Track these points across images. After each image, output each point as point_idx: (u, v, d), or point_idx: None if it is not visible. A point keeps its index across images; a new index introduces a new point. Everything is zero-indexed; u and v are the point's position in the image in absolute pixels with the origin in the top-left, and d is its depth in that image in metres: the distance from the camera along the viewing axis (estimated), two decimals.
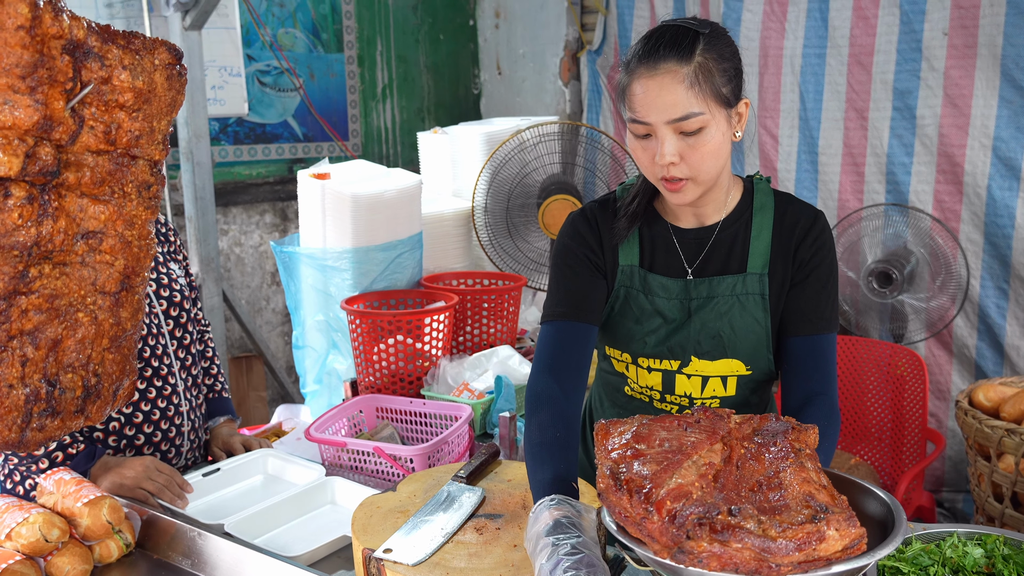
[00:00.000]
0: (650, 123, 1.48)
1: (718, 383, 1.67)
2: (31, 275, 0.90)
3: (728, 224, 1.65)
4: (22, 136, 0.85)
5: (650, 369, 1.69)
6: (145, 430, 2.11)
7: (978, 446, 2.78)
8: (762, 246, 1.62)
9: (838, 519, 1.03)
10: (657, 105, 1.46)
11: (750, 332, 1.62)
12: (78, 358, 0.97)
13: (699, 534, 1.05)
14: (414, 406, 2.40)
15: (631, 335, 1.68)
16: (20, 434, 0.92)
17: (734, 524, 1.03)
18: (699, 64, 1.46)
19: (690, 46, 1.46)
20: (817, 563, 1.02)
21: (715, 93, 1.47)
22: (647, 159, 1.53)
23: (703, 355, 1.64)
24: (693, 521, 1.05)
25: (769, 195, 1.66)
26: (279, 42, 4.69)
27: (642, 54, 1.49)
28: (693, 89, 1.45)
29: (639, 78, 1.48)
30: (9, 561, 1.57)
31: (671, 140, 1.48)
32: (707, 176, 1.52)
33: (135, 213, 0.98)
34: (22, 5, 0.80)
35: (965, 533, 1.52)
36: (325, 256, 2.90)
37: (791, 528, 1.02)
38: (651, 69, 1.46)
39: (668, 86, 1.45)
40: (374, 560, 1.42)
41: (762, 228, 1.63)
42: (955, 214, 3.76)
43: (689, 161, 1.49)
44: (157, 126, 0.96)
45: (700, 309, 1.63)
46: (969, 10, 3.59)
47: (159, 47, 0.97)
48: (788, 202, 1.66)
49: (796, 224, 1.63)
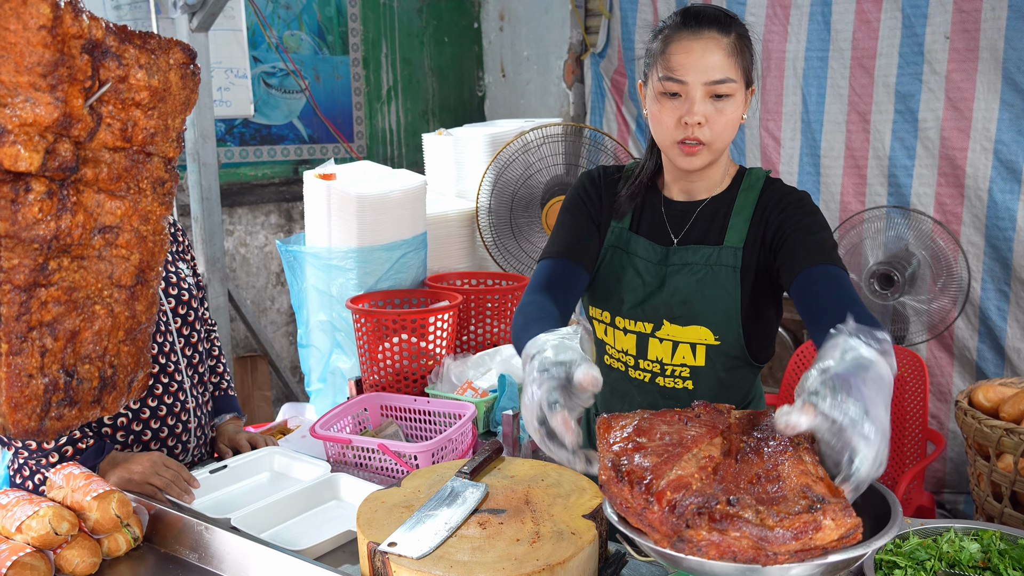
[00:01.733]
0: (687, 82, 1.58)
1: (687, 350, 1.72)
2: (50, 268, 0.93)
3: (714, 200, 1.74)
4: (42, 133, 0.88)
5: (626, 331, 1.77)
6: (152, 426, 2.13)
7: (977, 446, 2.80)
8: (741, 222, 1.70)
9: (834, 509, 1.05)
10: (699, 66, 1.57)
11: (719, 301, 1.69)
12: (95, 349, 1.00)
13: (698, 523, 1.07)
14: (418, 404, 2.42)
15: (611, 292, 1.78)
16: (39, 423, 0.95)
17: (732, 513, 1.05)
18: (737, 37, 1.60)
19: (728, 22, 1.61)
20: (814, 551, 1.05)
21: (745, 68, 1.62)
22: (672, 120, 1.61)
23: (674, 319, 1.71)
24: (693, 511, 1.08)
25: (761, 179, 1.75)
26: (285, 44, 4.72)
27: (684, 21, 1.61)
28: (732, 58, 1.59)
29: (681, 39, 1.59)
30: (20, 553, 1.59)
31: (702, 102, 1.59)
32: (721, 144, 1.64)
33: (150, 209, 1.01)
34: (44, 6, 0.83)
35: (962, 529, 1.54)
36: (330, 256, 2.93)
37: (788, 518, 1.05)
38: (695, 33, 1.58)
39: (712, 49, 1.57)
40: (379, 553, 1.44)
41: (745, 206, 1.71)
42: (956, 216, 3.78)
43: (713, 125, 1.60)
44: (171, 124, 0.98)
45: (675, 275, 1.71)
46: (971, 13, 3.61)
47: (174, 47, 1.00)
48: (774, 184, 1.74)
49: (772, 198, 1.70)
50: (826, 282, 1.52)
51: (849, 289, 1.51)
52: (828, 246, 1.61)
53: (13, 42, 0.83)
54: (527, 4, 5.32)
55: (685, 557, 1.10)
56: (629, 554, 1.37)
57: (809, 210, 1.67)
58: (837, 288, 1.50)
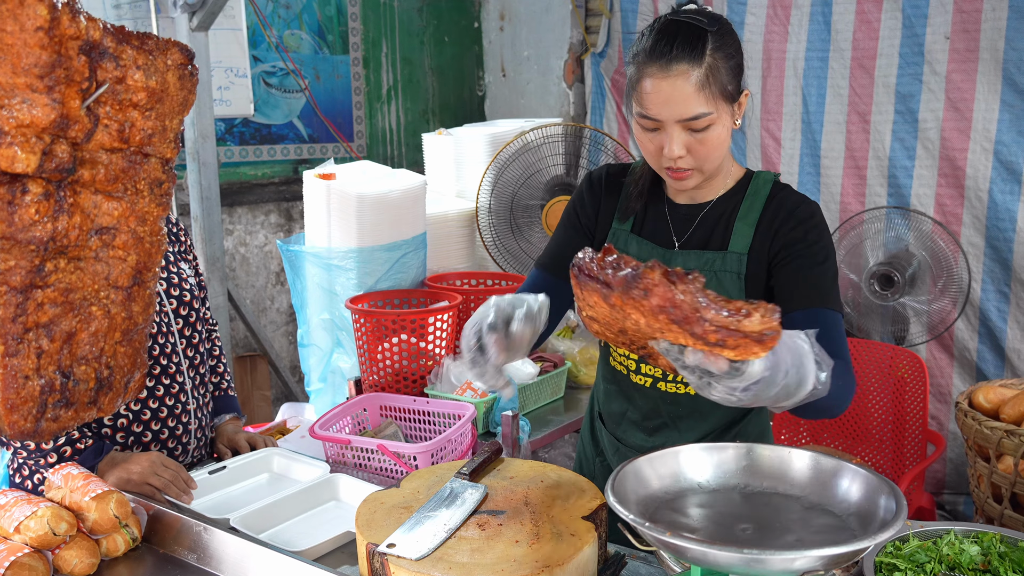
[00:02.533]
0: (660, 120, 1.55)
1: None
2: (47, 269, 0.92)
3: (719, 204, 1.71)
4: (39, 134, 0.88)
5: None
6: (153, 427, 2.13)
7: (978, 447, 2.79)
8: (746, 227, 1.66)
9: (765, 308, 1.10)
10: (668, 105, 1.52)
11: None
12: (91, 351, 0.99)
13: (655, 267, 1.12)
14: (418, 404, 2.42)
15: None
16: (35, 424, 0.94)
17: (686, 277, 1.11)
18: (709, 66, 1.51)
19: (701, 47, 1.51)
20: (736, 334, 1.09)
21: (722, 91, 1.54)
22: (654, 149, 1.60)
23: None
24: (652, 266, 1.13)
25: (768, 184, 1.70)
26: (285, 43, 4.71)
27: (654, 52, 1.53)
28: (704, 91, 1.52)
29: (651, 76, 1.53)
30: (18, 554, 1.59)
31: (679, 136, 1.55)
32: (711, 166, 1.61)
33: (147, 210, 1.01)
34: (41, 7, 0.83)
35: (962, 531, 1.54)
36: (330, 255, 2.92)
37: (728, 301, 1.10)
38: (663, 69, 1.51)
39: (680, 87, 1.51)
40: (378, 555, 1.44)
41: (750, 211, 1.67)
42: (956, 217, 3.78)
43: (696, 154, 1.57)
44: (169, 125, 0.98)
45: None
46: (971, 14, 3.61)
47: (171, 48, 1.00)
48: (783, 190, 1.69)
49: (782, 207, 1.66)
50: (819, 326, 1.50)
51: (834, 338, 1.51)
52: (827, 283, 1.59)
53: (10, 43, 0.83)
54: (527, 4, 5.32)
55: (688, 546, 1.11)
56: (631, 546, 1.38)
57: (817, 233, 1.62)
58: (826, 332, 1.48)
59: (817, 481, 1.34)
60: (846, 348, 1.53)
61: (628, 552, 1.63)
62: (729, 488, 1.39)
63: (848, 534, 1.22)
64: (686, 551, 1.13)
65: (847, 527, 1.24)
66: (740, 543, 1.21)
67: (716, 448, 1.42)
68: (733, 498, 1.36)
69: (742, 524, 1.27)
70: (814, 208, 1.66)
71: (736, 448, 1.41)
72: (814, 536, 1.23)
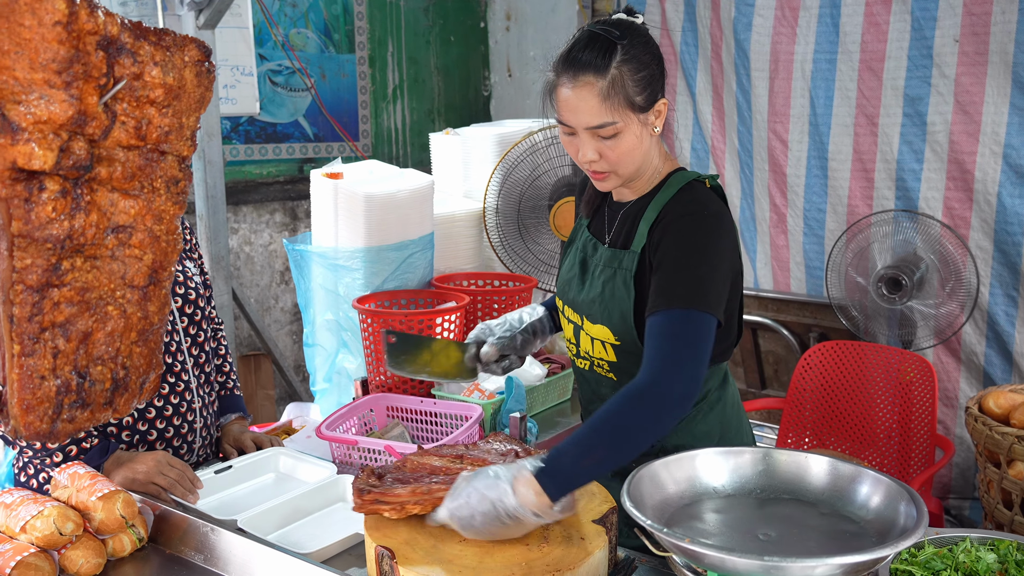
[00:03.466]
0: (572, 126, 1.65)
1: (600, 346, 1.79)
2: (63, 268, 0.91)
3: (635, 204, 1.79)
4: (57, 130, 0.86)
5: (569, 320, 1.87)
6: (158, 426, 2.12)
7: (988, 453, 2.78)
8: (645, 227, 1.72)
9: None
10: (576, 113, 1.62)
11: (617, 304, 1.73)
12: (107, 351, 0.98)
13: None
14: (424, 406, 2.41)
15: (564, 282, 1.89)
16: (51, 425, 0.93)
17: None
18: (613, 78, 1.60)
19: (607, 59, 1.60)
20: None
21: (628, 102, 1.61)
22: (573, 152, 1.70)
23: (588, 316, 1.79)
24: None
25: (677, 185, 1.73)
26: (291, 42, 4.70)
27: (566, 61, 1.63)
28: (607, 101, 1.60)
29: (562, 85, 1.64)
30: (24, 553, 1.58)
31: (590, 142, 1.65)
32: (625, 170, 1.69)
33: (163, 208, 0.99)
34: (59, 1, 0.81)
35: (978, 538, 1.52)
36: (337, 255, 2.91)
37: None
38: (572, 79, 1.61)
39: (585, 98, 1.60)
40: (387, 558, 1.43)
41: (652, 210, 1.72)
42: (965, 221, 3.76)
43: (608, 159, 1.66)
44: (186, 122, 0.97)
45: (593, 274, 1.80)
46: (980, 17, 3.59)
47: (189, 44, 0.98)
48: (685, 193, 1.71)
49: (672, 211, 1.69)
50: (651, 335, 1.56)
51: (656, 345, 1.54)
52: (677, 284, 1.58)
53: (28, 38, 0.81)
54: (534, 4, 5.30)
55: (706, 553, 1.09)
56: (642, 550, 1.38)
57: (686, 239, 1.63)
58: (648, 348, 1.55)
59: (835, 487, 1.33)
60: (669, 348, 1.52)
61: (638, 556, 1.62)
62: (745, 493, 1.37)
63: (869, 541, 1.21)
64: (703, 557, 1.12)
65: (867, 534, 1.23)
66: (759, 550, 1.20)
67: (732, 452, 1.41)
68: (749, 503, 1.35)
69: (760, 530, 1.26)
70: (697, 217, 1.65)
71: (752, 452, 1.40)
72: (833, 543, 1.22)
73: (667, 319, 1.56)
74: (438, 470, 1.66)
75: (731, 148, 4.49)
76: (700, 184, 1.74)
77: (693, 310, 1.55)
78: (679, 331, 1.54)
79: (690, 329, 1.55)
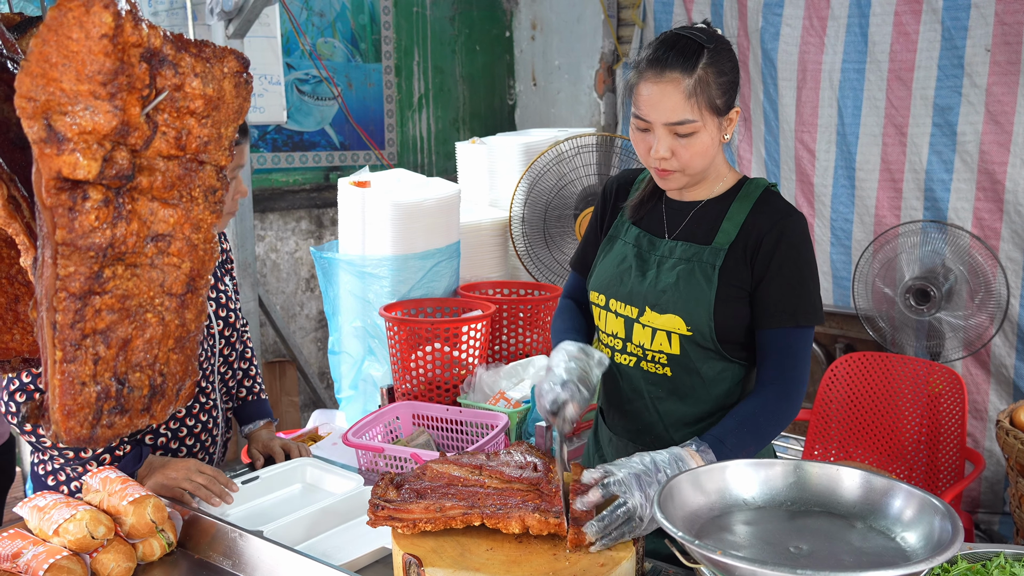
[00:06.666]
0: (650, 121, 1.69)
1: (664, 338, 1.80)
2: (105, 275, 0.93)
3: (711, 204, 1.82)
4: (101, 141, 0.88)
5: (617, 314, 1.86)
6: (187, 443, 2.14)
7: (1019, 466, 2.74)
8: (732, 227, 1.77)
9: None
10: (658, 108, 1.67)
11: (694, 295, 1.76)
12: (146, 358, 1.00)
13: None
14: (450, 414, 2.41)
15: (608, 277, 1.89)
16: (91, 431, 0.95)
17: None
18: (699, 77, 1.65)
19: (695, 59, 1.65)
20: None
21: (710, 104, 1.67)
22: (644, 149, 1.74)
23: (654, 307, 1.80)
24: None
25: (760, 189, 1.81)
26: (318, 51, 4.74)
27: (652, 59, 1.68)
28: (691, 99, 1.65)
29: (646, 80, 1.68)
30: (56, 556, 1.60)
31: (666, 138, 1.69)
32: (694, 170, 1.74)
33: (201, 217, 1.01)
34: (106, 14, 0.83)
35: (1012, 554, 1.50)
36: (364, 263, 2.93)
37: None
38: (657, 75, 1.66)
39: (670, 93, 1.65)
40: (414, 567, 1.43)
41: (738, 212, 1.78)
42: (995, 232, 3.72)
43: (680, 157, 1.70)
44: (224, 132, 0.98)
45: (661, 265, 1.82)
46: (1012, 26, 3.56)
47: (228, 55, 1.00)
48: (772, 196, 1.80)
49: (765, 214, 1.76)
50: (769, 351, 1.75)
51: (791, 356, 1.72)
52: (796, 300, 1.73)
53: (75, 51, 0.83)
54: (559, 13, 5.31)
55: (739, 565, 1.09)
56: (670, 560, 1.37)
57: (796, 250, 1.74)
58: (770, 359, 1.74)
59: (867, 500, 1.32)
60: (794, 364, 1.73)
61: (665, 567, 1.62)
62: (776, 505, 1.37)
63: (902, 556, 1.20)
64: (735, 570, 1.11)
65: (900, 548, 1.21)
66: (792, 563, 1.19)
67: (763, 464, 1.40)
68: (780, 516, 1.34)
69: (791, 543, 1.25)
70: (796, 220, 1.76)
71: (783, 465, 1.39)
72: (867, 557, 1.20)
73: (794, 338, 1.73)
74: (456, 480, 1.67)
75: (758, 157, 4.47)
76: (777, 192, 1.81)
77: (810, 328, 1.74)
78: (801, 351, 1.73)
79: (808, 346, 1.75)
